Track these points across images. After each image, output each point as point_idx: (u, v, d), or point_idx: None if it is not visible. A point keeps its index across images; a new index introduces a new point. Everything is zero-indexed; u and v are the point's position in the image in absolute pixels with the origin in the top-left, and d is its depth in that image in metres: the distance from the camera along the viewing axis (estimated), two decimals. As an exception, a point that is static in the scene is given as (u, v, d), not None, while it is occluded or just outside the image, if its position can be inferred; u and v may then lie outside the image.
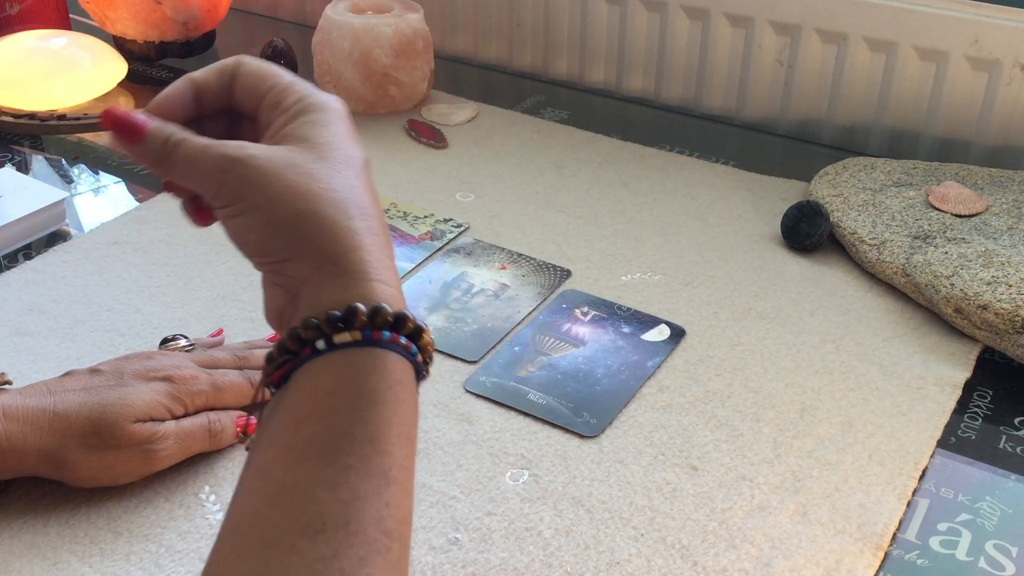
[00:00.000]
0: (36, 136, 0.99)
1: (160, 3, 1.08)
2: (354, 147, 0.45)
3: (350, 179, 0.44)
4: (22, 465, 0.57)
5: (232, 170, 0.43)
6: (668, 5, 1.03)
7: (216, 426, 0.61)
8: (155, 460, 0.59)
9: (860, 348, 0.72)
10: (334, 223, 0.42)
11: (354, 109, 1.02)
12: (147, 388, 0.59)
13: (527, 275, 0.79)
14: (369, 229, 0.43)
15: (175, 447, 0.59)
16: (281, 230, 0.42)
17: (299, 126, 0.45)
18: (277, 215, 0.42)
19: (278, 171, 0.43)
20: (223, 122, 0.48)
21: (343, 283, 0.42)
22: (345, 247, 0.42)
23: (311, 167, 0.43)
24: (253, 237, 0.43)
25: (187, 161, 0.44)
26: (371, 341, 0.41)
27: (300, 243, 0.42)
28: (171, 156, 0.44)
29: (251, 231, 0.43)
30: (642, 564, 0.56)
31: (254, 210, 0.43)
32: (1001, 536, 0.59)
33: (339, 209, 0.42)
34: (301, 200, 0.42)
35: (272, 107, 0.46)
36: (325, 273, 0.42)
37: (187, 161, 0.44)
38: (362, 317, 0.41)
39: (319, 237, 0.42)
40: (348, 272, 0.42)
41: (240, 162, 0.43)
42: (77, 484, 0.59)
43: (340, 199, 0.43)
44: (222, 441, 0.62)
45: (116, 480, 0.59)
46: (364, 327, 0.41)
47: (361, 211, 0.43)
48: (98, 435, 0.57)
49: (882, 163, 0.90)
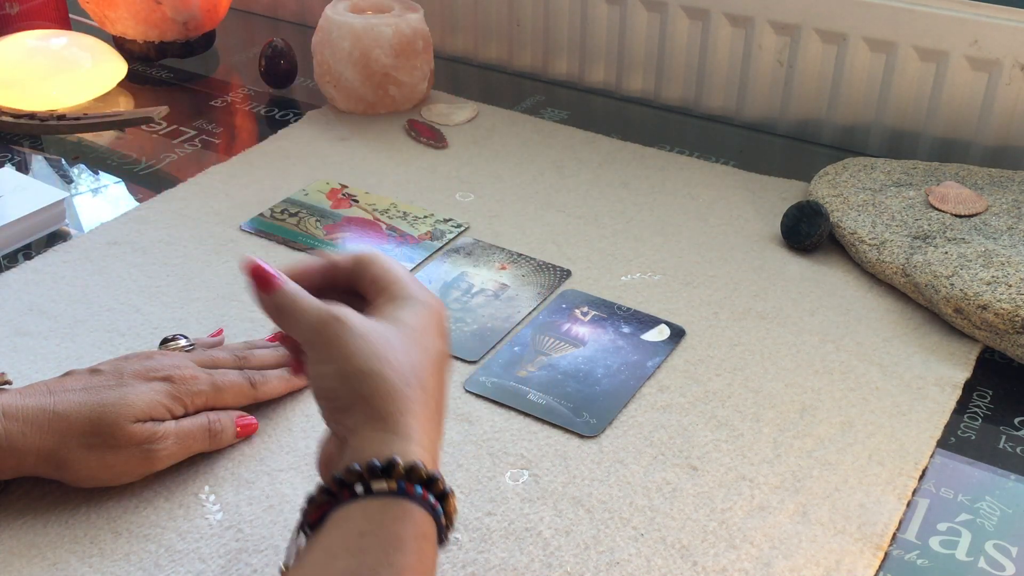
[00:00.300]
0: (36, 136, 0.99)
1: (160, 3, 1.08)
2: (437, 339, 0.52)
3: (421, 359, 0.50)
4: (22, 465, 0.57)
5: (329, 325, 0.49)
6: (668, 5, 1.03)
7: (216, 426, 0.61)
8: (155, 460, 0.59)
9: (860, 348, 0.72)
10: (392, 386, 0.48)
11: (354, 109, 1.02)
12: (147, 388, 0.59)
13: (527, 275, 0.79)
14: (423, 401, 0.49)
15: (175, 447, 0.59)
16: (349, 381, 0.48)
17: (395, 309, 0.51)
18: (351, 368, 0.48)
19: (364, 334, 0.49)
20: (343, 299, 0.54)
21: (387, 439, 0.47)
22: (396, 409, 0.48)
23: (391, 339, 0.50)
24: (327, 383, 0.49)
25: (297, 313, 0.51)
26: (404, 493, 0.45)
27: (360, 396, 0.48)
28: (288, 309, 0.51)
29: (327, 378, 0.49)
30: (642, 564, 0.56)
31: (334, 361, 0.49)
32: (1001, 536, 0.59)
33: (402, 377, 0.48)
34: (373, 360, 0.48)
35: (383, 294, 0.53)
36: (374, 428, 0.47)
37: (297, 313, 0.51)
38: (399, 470, 0.46)
39: (377, 396, 0.48)
40: (394, 431, 0.47)
41: (337, 320, 0.49)
42: (77, 484, 0.59)
43: (405, 371, 0.49)
44: (222, 441, 0.62)
45: (116, 480, 0.59)
46: (400, 479, 0.45)
47: (422, 385, 0.49)
48: (98, 435, 0.57)
49: (882, 163, 0.90)
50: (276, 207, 0.87)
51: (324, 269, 0.54)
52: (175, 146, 0.98)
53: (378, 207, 0.88)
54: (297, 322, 0.51)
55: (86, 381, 0.59)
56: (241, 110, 1.05)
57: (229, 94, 1.08)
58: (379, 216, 0.86)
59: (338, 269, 0.55)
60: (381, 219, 0.86)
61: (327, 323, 0.49)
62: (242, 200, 0.88)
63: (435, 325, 0.52)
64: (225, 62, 1.16)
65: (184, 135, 1.00)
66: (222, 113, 1.04)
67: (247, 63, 1.15)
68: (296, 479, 0.61)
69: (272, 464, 0.62)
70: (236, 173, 0.92)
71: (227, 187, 0.90)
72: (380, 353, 0.48)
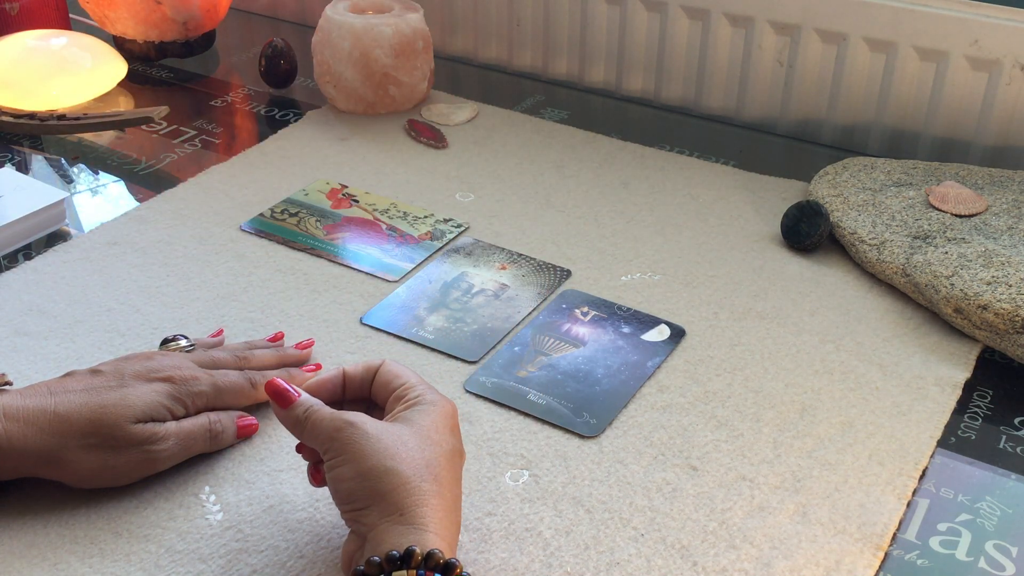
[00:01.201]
0: (36, 136, 0.99)
1: (160, 3, 1.08)
2: (449, 436, 0.55)
3: (435, 454, 0.53)
4: (22, 465, 0.57)
5: (343, 429, 0.52)
6: (668, 5, 1.03)
7: (217, 427, 0.61)
8: (156, 461, 0.59)
9: (860, 348, 0.72)
10: (407, 481, 0.51)
11: (354, 109, 1.02)
12: (148, 389, 0.59)
13: (527, 275, 0.79)
14: (438, 493, 0.51)
15: (175, 448, 0.59)
16: (366, 480, 0.51)
17: (409, 411, 0.55)
18: (367, 467, 0.51)
19: (378, 435, 0.52)
20: (360, 408, 0.57)
21: (404, 531, 0.49)
22: (412, 502, 0.50)
23: (405, 437, 0.53)
24: (345, 486, 0.51)
25: (314, 423, 0.53)
26: None
27: (377, 493, 0.50)
28: (305, 421, 0.54)
29: (345, 480, 0.51)
30: (642, 564, 0.56)
31: (351, 462, 0.51)
32: (1001, 536, 0.59)
33: (416, 472, 0.51)
34: (388, 458, 0.51)
35: (396, 399, 0.56)
36: (392, 521, 0.50)
37: (314, 423, 0.53)
38: (418, 558, 0.48)
39: (393, 491, 0.50)
40: (410, 522, 0.50)
41: (351, 424, 0.53)
42: (77, 485, 0.59)
43: (419, 466, 0.52)
44: (223, 442, 0.62)
45: (116, 481, 0.59)
46: (419, 567, 0.48)
47: (435, 478, 0.52)
48: (99, 436, 0.57)
49: (882, 163, 0.90)
50: (276, 207, 0.87)
51: (339, 381, 0.58)
52: (175, 146, 0.98)
53: (378, 207, 0.88)
54: (314, 430, 0.53)
55: (87, 382, 0.59)
56: (241, 110, 1.05)
57: (229, 94, 1.08)
58: (379, 216, 0.86)
59: (352, 380, 0.58)
60: (381, 219, 0.86)
61: (341, 428, 0.52)
62: (242, 200, 0.88)
63: (446, 423, 0.55)
64: (225, 62, 1.16)
65: (184, 135, 1.00)
66: (222, 113, 1.04)
67: (247, 63, 1.15)
68: (296, 479, 0.61)
69: (272, 464, 0.62)
70: (236, 173, 0.92)
71: (227, 187, 0.90)
72: (393, 451, 0.51)
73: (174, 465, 0.60)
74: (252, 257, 0.81)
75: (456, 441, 0.55)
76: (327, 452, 0.53)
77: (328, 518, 0.58)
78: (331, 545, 0.57)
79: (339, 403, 0.58)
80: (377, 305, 0.76)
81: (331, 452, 0.52)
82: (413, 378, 0.57)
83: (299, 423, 0.54)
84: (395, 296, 0.77)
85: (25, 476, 0.58)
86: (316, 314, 0.75)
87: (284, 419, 0.55)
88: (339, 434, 0.52)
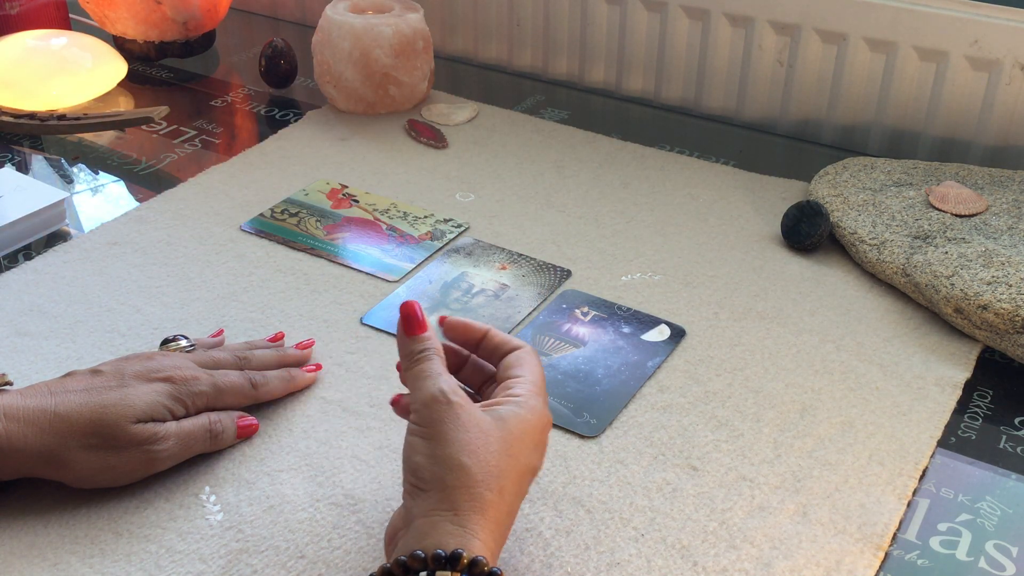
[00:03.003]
0: (36, 136, 0.99)
1: (160, 3, 1.08)
2: (532, 452, 0.53)
3: (509, 466, 0.51)
4: (23, 466, 0.57)
5: (439, 403, 0.51)
6: (668, 5, 1.03)
7: (217, 427, 0.61)
8: (156, 461, 0.59)
9: (860, 348, 0.72)
10: (474, 484, 0.49)
11: (354, 109, 1.02)
12: (148, 389, 0.59)
13: (527, 275, 0.79)
14: (496, 505, 0.50)
15: (176, 448, 0.59)
16: (437, 465, 0.50)
17: (506, 408, 0.53)
18: (443, 454, 0.50)
19: (467, 424, 0.51)
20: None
21: (454, 530, 0.48)
22: (470, 506, 0.49)
23: (491, 438, 0.51)
24: (417, 459, 0.50)
25: (418, 376, 0.53)
26: None
27: (441, 482, 0.49)
28: (416, 362, 0.53)
29: (419, 453, 0.50)
30: (642, 564, 0.56)
31: (431, 440, 0.50)
32: (1001, 536, 0.59)
33: (486, 477, 0.50)
34: (466, 454, 0.50)
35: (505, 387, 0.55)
36: (444, 518, 0.49)
37: (418, 376, 0.53)
38: (464, 561, 0.47)
39: (457, 489, 0.49)
40: (462, 524, 0.48)
41: (448, 402, 0.51)
42: (78, 485, 0.59)
43: (492, 473, 0.50)
44: (223, 441, 0.62)
45: (116, 481, 0.59)
46: (463, 571, 0.47)
47: (500, 490, 0.50)
48: (99, 435, 0.57)
49: (882, 163, 0.90)
50: (276, 207, 0.87)
51: (479, 335, 0.58)
52: (175, 146, 0.98)
53: (378, 207, 0.88)
54: (416, 380, 0.53)
55: (87, 382, 0.59)
56: (241, 110, 1.05)
57: (229, 94, 1.08)
58: (379, 216, 0.86)
59: (489, 343, 0.58)
60: (381, 219, 0.86)
61: (438, 400, 0.51)
62: (242, 200, 0.88)
63: (534, 437, 0.53)
64: (225, 62, 1.16)
65: (184, 135, 1.00)
66: (222, 113, 1.04)
67: (247, 63, 1.15)
68: (296, 480, 0.61)
69: (272, 465, 0.62)
70: (236, 173, 0.92)
71: (227, 187, 0.90)
72: (473, 448, 0.50)
73: (174, 465, 0.60)
74: (252, 257, 0.81)
75: (536, 458, 0.54)
76: (416, 413, 0.52)
77: (328, 518, 0.58)
78: (331, 545, 0.57)
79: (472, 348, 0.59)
80: (377, 305, 0.76)
81: (419, 417, 0.51)
82: (531, 375, 0.56)
83: (411, 357, 0.54)
84: (395, 296, 0.77)
85: (25, 476, 0.58)
86: (316, 314, 0.75)
87: (401, 344, 0.54)
88: (435, 405, 0.51)
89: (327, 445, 0.63)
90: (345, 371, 0.69)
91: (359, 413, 0.66)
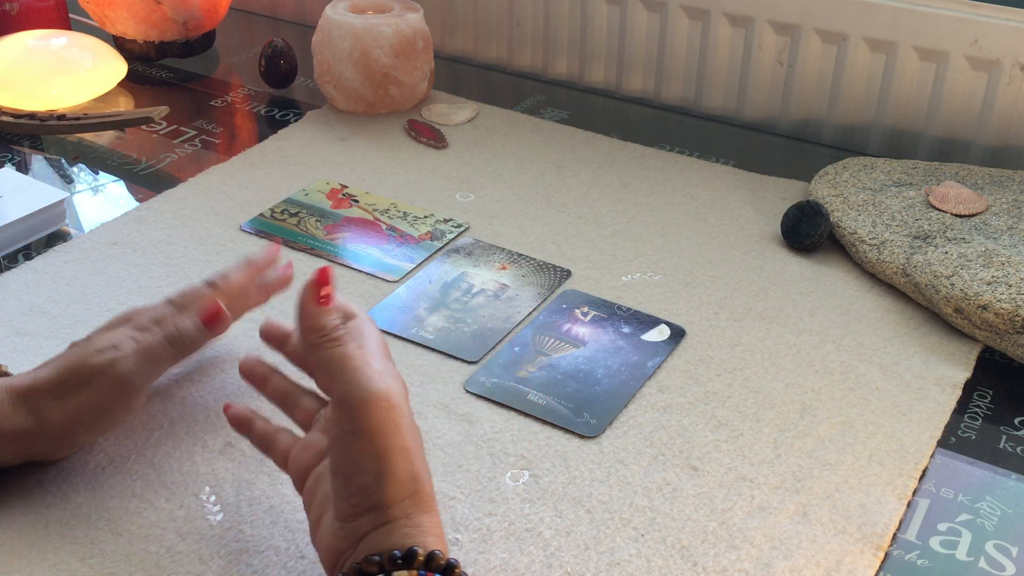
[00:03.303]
0: (36, 136, 0.99)
1: (160, 3, 1.08)
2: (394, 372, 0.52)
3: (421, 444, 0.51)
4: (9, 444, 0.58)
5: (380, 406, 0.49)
6: (668, 5, 1.03)
7: (173, 330, 0.61)
8: (122, 381, 0.58)
9: (860, 348, 0.72)
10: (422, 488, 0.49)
11: (354, 109, 1.02)
12: (110, 332, 0.60)
13: (527, 275, 0.79)
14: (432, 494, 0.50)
15: (138, 363, 0.59)
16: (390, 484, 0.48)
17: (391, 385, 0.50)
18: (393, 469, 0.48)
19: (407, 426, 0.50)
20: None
21: (406, 533, 0.48)
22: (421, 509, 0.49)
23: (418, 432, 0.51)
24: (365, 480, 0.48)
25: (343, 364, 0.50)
26: None
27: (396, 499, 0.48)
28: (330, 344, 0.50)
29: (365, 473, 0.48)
30: (642, 565, 0.56)
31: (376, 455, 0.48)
32: (1001, 536, 0.59)
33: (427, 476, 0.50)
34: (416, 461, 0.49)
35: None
36: (397, 525, 0.48)
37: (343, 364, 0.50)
38: (420, 558, 0.47)
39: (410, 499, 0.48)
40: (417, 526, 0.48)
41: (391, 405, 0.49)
42: (64, 441, 0.59)
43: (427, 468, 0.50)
44: (187, 342, 0.61)
45: (99, 421, 0.59)
46: (420, 567, 0.46)
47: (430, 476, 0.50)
48: (66, 382, 0.58)
49: (882, 163, 0.90)
50: (276, 207, 0.87)
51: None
52: (175, 146, 0.98)
53: (378, 207, 0.88)
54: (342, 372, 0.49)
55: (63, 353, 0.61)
56: (241, 110, 1.05)
57: (229, 94, 1.08)
58: (379, 216, 0.86)
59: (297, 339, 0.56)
60: (381, 219, 0.86)
61: (379, 402, 0.49)
62: (242, 200, 0.88)
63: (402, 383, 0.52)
64: (225, 62, 1.16)
65: (184, 135, 1.00)
66: (222, 113, 1.04)
67: (247, 63, 1.15)
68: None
69: (272, 465, 0.62)
70: (236, 173, 0.92)
71: (227, 187, 0.90)
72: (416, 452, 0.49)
73: (174, 465, 0.61)
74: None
75: (395, 368, 0.52)
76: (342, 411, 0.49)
77: (328, 518, 0.58)
78: (331, 545, 0.57)
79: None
80: (377, 305, 0.76)
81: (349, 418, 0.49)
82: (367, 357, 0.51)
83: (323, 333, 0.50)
84: (395, 296, 0.77)
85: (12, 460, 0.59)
86: (316, 314, 0.75)
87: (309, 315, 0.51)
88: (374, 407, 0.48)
89: (327, 445, 0.63)
90: (345, 371, 0.69)
91: (359, 413, 0.66)
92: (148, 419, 0.65)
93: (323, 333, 0.51)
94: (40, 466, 0.61)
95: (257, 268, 0.66)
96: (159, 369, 0.60)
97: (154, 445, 0.63)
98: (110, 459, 0.62)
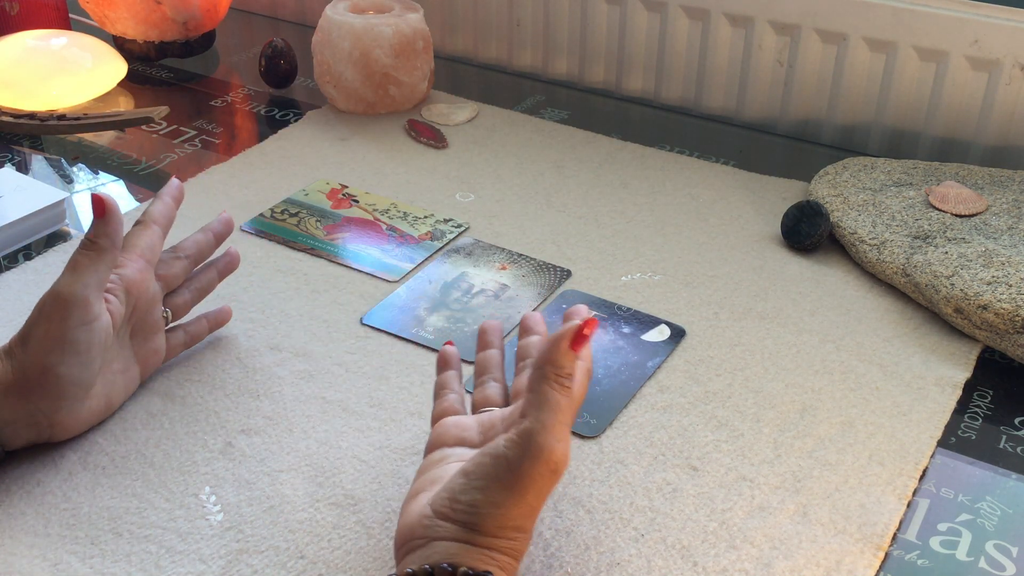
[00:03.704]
0: (36, 136, 0.99)
1: (160, 3, 1.08)
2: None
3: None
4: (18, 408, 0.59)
5: (547, 466, 0.49)
6: (668, 5, 1.03)
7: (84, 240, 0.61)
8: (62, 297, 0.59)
9: (860, 348, 0.72)
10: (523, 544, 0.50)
11: (354, 109, 1.02)
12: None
13: (527, 275, 0.79)
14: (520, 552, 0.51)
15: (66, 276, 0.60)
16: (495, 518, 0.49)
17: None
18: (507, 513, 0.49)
19: (547, 492, 0.51)
20: None
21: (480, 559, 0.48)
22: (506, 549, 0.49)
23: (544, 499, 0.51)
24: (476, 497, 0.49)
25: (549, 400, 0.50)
26: None
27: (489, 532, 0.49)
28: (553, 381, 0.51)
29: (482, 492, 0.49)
30: (642, 565, 0.56)
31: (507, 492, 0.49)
32: (1001, 536, 0.59)
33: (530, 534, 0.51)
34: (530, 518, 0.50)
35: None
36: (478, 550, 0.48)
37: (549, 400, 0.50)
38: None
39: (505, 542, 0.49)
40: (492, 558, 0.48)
41: (555, 471, 0.49)
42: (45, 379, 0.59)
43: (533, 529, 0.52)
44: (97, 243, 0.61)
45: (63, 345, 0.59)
46: None
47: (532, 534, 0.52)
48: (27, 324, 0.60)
49: (882, 163, 0.90)
50: (276, 207, 0.87)
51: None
52: (175, 146, 0.98)
53: (378, 207, 0.88)
54: (542, 418, 0.49)
55: None
56: (241, 110, 1.05)
57: (229, 94, 1.08)
58: (379, 216, 0.86)
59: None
60: (381, 219, 0.86)
61: (554, 462, 0.49)
62: (242, 200, 0.88)
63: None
64: (225, 62, 1.16)
65: (184, 135, 1.00)
66: (222, 113, 1.05)
67: (247, 63, 1.15)
68: (296, 480, 0.61)
69: (272, 465, 0.62)
70: (236, 173, 0.92)
71: (227, 187, 0.90)
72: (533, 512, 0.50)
73: (174, 465, 0.61)
74: (252, 257, 0.81)
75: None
76: (512, 451, 0.49)
77: (328, 518, 0.58)
78: (331, 545, 0.57)
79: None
80: (377, 305, 0.76)
81: (511, 463, 0.49)
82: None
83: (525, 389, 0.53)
84: (395, 296, 0.77)
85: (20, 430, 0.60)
86: (316, 314, 0.75)
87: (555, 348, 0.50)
88: (538, 464, 0.48)
89: (327, 445, 0.63)
90: (345, 371, 0.69)
91: (359, 413, 0.66)
92: (148, 419, 0.65)
93: (559, 372, 0.50)
94: (40, 466, 0.61)
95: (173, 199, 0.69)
96: (88, 274, 0.60)
97: (154, 445, 0.63)
98: (110, 459, 0.62)
